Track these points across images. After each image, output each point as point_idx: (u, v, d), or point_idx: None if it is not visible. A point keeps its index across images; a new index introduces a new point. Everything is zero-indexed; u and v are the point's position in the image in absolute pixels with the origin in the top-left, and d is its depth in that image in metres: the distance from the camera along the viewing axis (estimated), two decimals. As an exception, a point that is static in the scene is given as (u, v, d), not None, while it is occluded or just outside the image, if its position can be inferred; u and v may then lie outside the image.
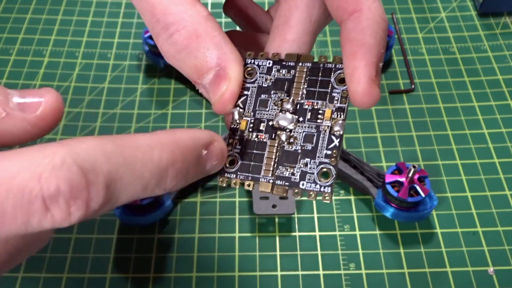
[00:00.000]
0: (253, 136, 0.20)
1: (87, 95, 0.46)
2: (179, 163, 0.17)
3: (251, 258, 0.36)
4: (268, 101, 0.19)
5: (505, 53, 0.49)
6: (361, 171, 0.38)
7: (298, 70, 0.20)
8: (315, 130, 0.19)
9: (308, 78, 0.20)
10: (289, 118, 0.19)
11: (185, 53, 0.19)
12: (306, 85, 0.20)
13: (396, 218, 0.36)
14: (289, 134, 0.19)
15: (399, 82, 0.47)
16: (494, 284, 0.35)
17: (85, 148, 0.15)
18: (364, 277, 0.35)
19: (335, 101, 0.19)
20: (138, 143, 0.17)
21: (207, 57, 0.19)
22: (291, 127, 0.19)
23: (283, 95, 0.20)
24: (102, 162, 0.15)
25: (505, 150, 0.42)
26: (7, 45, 0.50)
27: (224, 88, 0.19)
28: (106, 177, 0.15)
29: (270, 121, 0.19)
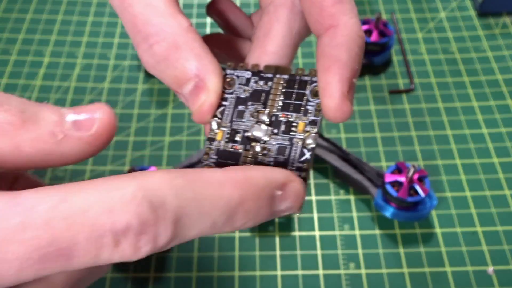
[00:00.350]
0: (228, 147, 0.20)
1: (87, 95, 0.46)
2: (250, 202, 0.17)
3: (251, 258, 0.36)
4: (245, 112, 0.20)
5: (504, 53, 0.49)
6: (360, 171, 0.38)
7: (275, 82, 0.20)
8: (288, 143, 0.19)
9: (284, 90, 0.20)
10: (264, 129, 0.19)
11: (164, 64, 0.19)
12: (282, 97, 0.20)
13: (396, 217, 0.36)
14: (263, 146, 0.19)
15: (398, 82, 0.47)
16: (493, 283, 0.35)
17: (155, 182, 0.15)
18: (363, 276, 0.35)
19: (309, 114, 0.19)
20: (208, 178, 0.16)
21: (187, 68, 0.19)
22: (265, 138, 0.19)
23: (260, 106, 0.20)
24: (172, 198, 0.15)
25: (504, 150, 0.42)
26: (8, 45, 0.50)
27: (203, 99, 0.19)
28: (175, 213, 0.15)
29: (246, 132, 0.19)
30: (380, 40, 0.45)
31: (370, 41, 0.45)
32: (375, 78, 0.47)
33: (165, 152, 0.42)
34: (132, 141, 0.43)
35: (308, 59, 0.49)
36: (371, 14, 0.53)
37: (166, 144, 0.43)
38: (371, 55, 0.46)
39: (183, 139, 0.43)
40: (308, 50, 0.49)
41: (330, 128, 0.43)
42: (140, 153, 0.42)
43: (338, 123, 0.44)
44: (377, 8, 0.53)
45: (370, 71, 0.48)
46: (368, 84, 0.47)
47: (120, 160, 0.41)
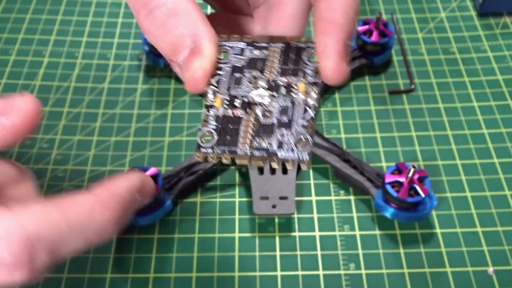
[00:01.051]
0: (228, 112, 0.20)
1: (87, 95, 0.46)
2: (118, 215, 0.19)
3: (251, 258, 0.36)
4: (242, 79, 0.20)
5: (505, 53, 0.49)
6: (361, 171, 0.38)
7: (270, 50, 0.20)
8: (290, 104, 0.19)
9: (281, 57, 0.20)
10: (264, 93, 0.20)
11: (162, 29, 0.19)
12: (279, 63, 0.20)
13: (396, 218, 0.36)
14: (265, 109, 0.20)
15: (398, 82, 0.47)
16: (494, 284, 0.35)
17: (30, 217, 0.17)
18: (364, 277, 0.35)
19: (309, 76, 0.20)
20: (81, 205, 0.18)
21: (184, 35, 0.19)
22: (266, 102, 0.20)
23: (257, 73, 0.20)
24: (46, 232, 0.17)
25: (504, 150, 0.42)
26: (7, 45, 0.50)
27: (197, 65, 0.19)
28: (50, 244, 0.17)
29: (245, 97, 0.20)
30: (380, 40, 0.45)
31: (370, 41, 0.45)
32: (375, 78, 0.47)
33: (165, 153, 0.42)
34: (131, 142, 0.43)
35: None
36: (371, 14, 0.53)
37: (166, 144, 0.42)
38: (371, 55, 0.46)
39: (183, 139, 0.43)
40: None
41: (330, 129, 0.43)
42: (140, 153, 0.42)
43: (338, 124, 0.44)
44: (377, 8, 0.53)
45: (370, 71, 0.48)
46: (368, 84, 0.47)
47: (120, 161, 0.41)
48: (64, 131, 0.43)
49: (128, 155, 0.42)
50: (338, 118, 0.44)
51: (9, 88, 0.46)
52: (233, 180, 0.40)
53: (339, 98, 0.46)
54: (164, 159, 0.41)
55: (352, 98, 0.46)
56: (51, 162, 0.41)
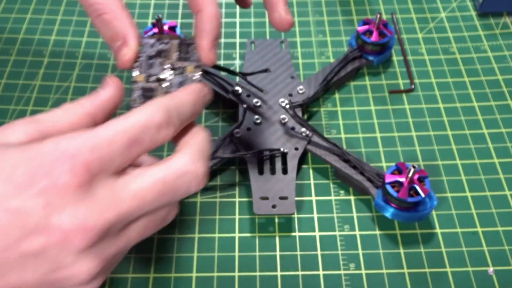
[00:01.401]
0: (147, 85, 0.30)
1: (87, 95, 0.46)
2: None
3: (251, 258, 0.36)
4: (154, 63, 0.30)
5: (504, 53, 0.49)
6: (361, 171, 0.38)
7: (171, 44, 0.31)
8: (184, 78, 0.30)
9: (177, 49, 0.31)
10: (168, 72, 0.30)
11: (107, 27, 0.30)
12: (177, 53, 0.31)
13: (396, 218, 0.36)
14: (169, 82, 0.30)
15: (399, 82, 0.47)
16: (494, 284, 0.35)
17: (167, 101, 0.27)
18: (364, 277, 0.35)
19: (194, 61, 0.30)
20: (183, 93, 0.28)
21: (119, 32, 0.29)
22: (169, 78, 0.30)
23: (163, 60, 0.30)
24: (173, 109, 0.26)
25: (504, 150, 0.42)
26: (7, 45, 0.50)
27: (125, 52, 0.29)
28: (178, 111, 0.27)
29: (156, 75, 0.30)
30: (380, 40, 0.45)
31: (370, 41, 0.45)
32: (375, 78, 0.47)
33: (165, 153, 0.42)
34: (132, 141, 0.43)
35: (307, 59, 0.49)
36: (371, 14, 0.53)
37: (165, 144, 0.42)
38: (371, 55, 0.46)
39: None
40: (308, 50, 0.49)
41: (330, 128, 0.43)
42: (140, 153, 0.42)
43: (338, 124, 0.44)
44: (377, 8, 0.53)
45: (370, 71, 0.48)
46: (368, 84, 0.47)
47: (120, 160, 0.41)
48: (64, 131, 0.43)
49: (128, 155, 0.42)
50: (338, 118, 0.44)
51: (9, 88, 0.46)
52: (233, 180, 0.40)
53: (339, 98, 0.46)
54: (164, 159, 0.41)
55: (352, 98, 0.46)
56: (51, 162, 0.41)
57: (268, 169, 0.39)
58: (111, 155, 0.23)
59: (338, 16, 0.52)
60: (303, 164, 0.41)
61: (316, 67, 0.48)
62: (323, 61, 0.49)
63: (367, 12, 0.53)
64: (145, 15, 0.53)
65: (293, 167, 0.39)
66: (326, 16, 0.52)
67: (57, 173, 0.22)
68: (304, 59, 0.49)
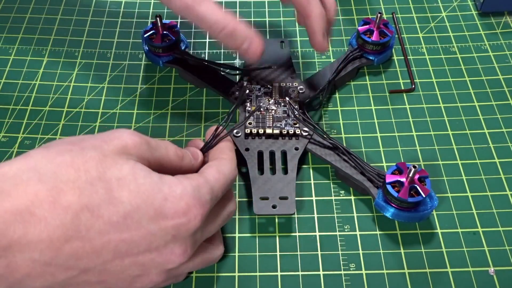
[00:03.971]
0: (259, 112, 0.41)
1: (87, 95, 0.46)
2: None
3: (251, 258, 0.36)
4: (262, 99, 0.43)
5: (505, 53, 0.49)
6: (361, 171, 0.38)
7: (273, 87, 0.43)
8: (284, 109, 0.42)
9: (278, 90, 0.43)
10: (272, 105, 0.42)
11: (232, 37, 0.36)
12: (278, 93, 0.43)
13: (397, 218, 0.36)
14: (273, 111, 0.41)
15: (399, 81, 0.47)
16: (495, 284, 0.35)
17: (210, 176, 0.32)
18: (364, 277, 0.35)
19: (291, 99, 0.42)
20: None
21: (243, 35, 0.36)
22: (273, 108, 0.42)
23: (268, 98, 0.43)
24: (216, 182, 0.32)
25: (505, 150, 0.42)
26: (7, 44, 0.50)
27: (256, 46, 0.36)
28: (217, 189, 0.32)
29: (265, 107, 0.42)
30: (381, 40, 0.45)
31: (370, 41, 0.45)
32: (375, 78, 0.47)
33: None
34: (131, 141, 0.42)
35: (308, 59, 0.49)
36: (372, 13, 0.53)
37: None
38: (372, 54, 0.46)
39: (183, 139, 0.43)
40: (308, 50, 0.49)
41: (331, 128, 0.43)
42: (140, 153, 0.42)
43: (338, 124, 0.44)
44: (377, 7, 0.53)
45: (370, 71, 0.48)
46: (369, 83, 0.47)
47: (120, 160, 0.41)
48: (64, 131, 0.43)
49: (128, 155, 0.42)
50: (338, 117, 0.44)
51: (9, 88, 0.46)
52: (233, 180, 0.40)
53: (340, 97, 0.46)
54: (164, 159, 0.41)
55: (353, 98, 0.46)
56: (50, 162, 0.41)
57: (268, 169, 0.39)
58: (214, 204, 0.31)
59: (338, 16, 0.52)
60: (303, 164, 0.41)
61: (316, 66, 0.48)
62: (323, 60, 0.48)
63: (368, 11, 0.53)
64: (145, 15, 0.53)
65: (293, 167, 0.39)
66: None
67: (193, 216, 0.28)
68: (304, 59, 0.49)
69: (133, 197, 0.26)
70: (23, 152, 0.42)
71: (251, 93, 0.43)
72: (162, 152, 0.31)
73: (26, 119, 0.44)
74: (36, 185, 0.25)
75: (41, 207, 0.24)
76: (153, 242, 0.27)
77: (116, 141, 0.28)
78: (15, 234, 0.23)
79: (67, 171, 0.26)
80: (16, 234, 0.23)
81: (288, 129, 0.40)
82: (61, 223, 0.24)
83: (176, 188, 0.28)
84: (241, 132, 0.40)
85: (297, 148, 0.40)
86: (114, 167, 0.27)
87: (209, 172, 0.32)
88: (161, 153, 0.31)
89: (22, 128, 0.43)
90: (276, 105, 0.42)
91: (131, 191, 0.26)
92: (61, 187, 0.25)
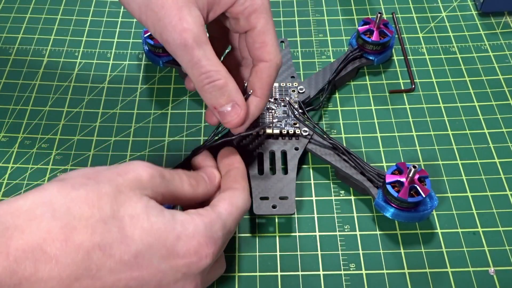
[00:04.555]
0: None
1: (87, 95, 0.46)
2: None
3: (251, 258, 0.36)
4: None
5: (505, 53, 0.49)
6: (361, 171, 0.38)
7: None
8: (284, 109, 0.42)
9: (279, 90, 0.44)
10: (273, 105, 0.43)
11: (219, 92, 0.31)
12: (279, 92, 0.43)
13: (397, 218, 0.36)
14: (274, 110, 0.42)
15: (399, 81, 0.47)
16: (495, 284, 0.35)
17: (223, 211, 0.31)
18: (364, 277, 0.35)
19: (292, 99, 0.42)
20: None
21: (231, 95, 0.32)
22: (274, 107, 0.42)
23: None
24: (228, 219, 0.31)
25: (505, 150, 0.42)
26: (7, 44, 0.50)
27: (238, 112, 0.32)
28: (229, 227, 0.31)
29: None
30: (381, 40, 0.45)
31: (370, 41, 0.45)
32: (375, 78, 0.47)
33: (165, 153, 0.42)
34: (131, 142, 0.42)
35: (308, 59, 0.49)
36: (372, 13, 0.53)
37: (166, 144, 0.42)
38: (372, 54, 0.46)
39: (183, 139, 0.43)
40: (308, 50, 0.49)
41: (331, 128, 0.43)
42: (140, 153, 0.42)
43: (338, 124, 0.44)
44: (378, 7, 0.53)
45: (370, 71, 0.48)
46: (369, 83, 0.47)
47: (120, 161, 0.41)
48: (64, 131, 0.43)
49: (128, 155, 0.42)
50: (338, 117, 0.44)
51: (9, 88, 0.46)
52: (233, 180, 0.40)
53: (340, 97, 0.46)
54: (164, 159, 0.41)
55: (353, 98, 0.45)
56: (50, 162, 0.41)
57: (268, 169, 0.39)
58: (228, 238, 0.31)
59: (338, 16, 0.52)
60: (303, 164, 0.41)
61: (316, 66, 0.48)
62: (323, 60, 0.48)
63: (368, 11, 0.53)
64: (145, 14, 0.53)
65: (293, 167, 0.39)
66: (327, 16, 0.52)
67: (204, 255, 0.28)
68: (304, 59, 0.49)
69: (145, 236, 0.26)
70: (23, 152, 0.42)
71: None
72: (176, 185, 0.31)
73: (26, 119, 0.44)
74: (49, 222, 0.25)
75: (53, 245, 0.24)
76: (163, 280, 0.27)
77: (131, 175, 0.28)
78: (26, 272, 0.24)
79: (81, 208, 0.25)
80: (27, 272, 0.24)
81: (288, 129, 0.40)
82: (72, 261, 0.24)
83: (189, 226, 0.28)
84: None
85: (297, 148, 0.40)
86: (128, 204, 0.27)
87: (221, 206, 0.31)
88: (175, 185, 0.31)
89: (22, 128, 0.43)
90: (276, 105, 0.42)
91: (143, 229, 0.26)
92: (74, 225, 0.25)
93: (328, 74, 0.45)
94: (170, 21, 0.29)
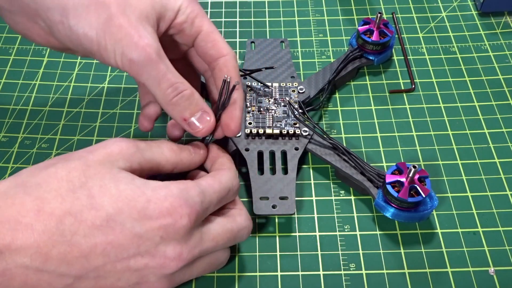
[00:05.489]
0: (259, 111, 0.42)
1: (87, 95, 0.46)
2: None
3: (251, 258, 0.36)
4: (262, 100, 0.43)
5: (505, 53, 0.49)
6: (361, 171, 0.38)
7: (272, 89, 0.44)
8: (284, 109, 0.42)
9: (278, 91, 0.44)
10: (272, 106, 0.43)
11: (187, 101, 0.33)
12: (279, 93, 0.43)
13: (397, 218, 0.36)
14: (274, 111, 0.42)
15: (399, 81, 0.47)
16: (495, 284, 0.35)
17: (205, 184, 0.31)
18: (364, 277, 0.35)
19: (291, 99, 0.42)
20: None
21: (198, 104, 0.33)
22: (273, 108, 0.42)
23: (268, 98, 0.43)
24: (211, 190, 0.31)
25: (505, 150, 0.42)
26: (7, 44, 0.50)
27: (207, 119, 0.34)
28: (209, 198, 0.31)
29: (265, 107, 0.42)
30: (381, 40, 0.45)
31: (370, 41, 0.45)
32: (375, 78, 0.47)
33: (165, 152, 0.42)
34: (131, 141, 0.42)
35: (308, 59, 0.49)
36: (372, 13, 0.53)
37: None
38: (372, 54, 0.46)
39: (183, 139, 0.43)
40: (308, 50, 0.49)
41: (331, 128, 0.43)
42: (140, 153, 0.42)
43: (338, 124, 0.44)
44: (378, 7, 0.53)
45: (370, 71, 0.48)
46: (369, 83, 0.47)
47: (120, 160, 0.41)
48: (64, 131, 0.43)
49: (128, 155, 0.42)
50: (338, 117, 0.44)
51: (9, 88, 0.46)
52: (233, 180, 0.40)
53: (340, 97, 0.46)
54: (164, 159, 0.41)
55: (353, 98, 0.45)
56: (50, 162, 0.41)
57: (268, 169, 0.39)
58: (209, 209, 0.30)
59: (338, 16, 0.52)
60: (303, 164, 0.41)
61: (316, 66, 0.48)
62: (323, 60, 0.48)
63: (368, 11, 0.53)
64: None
65: (293, 167, 0.39)
66: (327, 16, 0.52)
67: (179, 216, 0.28)
68: (304, 59, 0.49)
69: (114, 201, 0.27)
70: (23, 152, 0.42)
71: (251, 93, 0.43)
72: (154, 151, 0.31)
73: (26, 119, 0.44)
74: (22, 197, 0.27)
75: (27, 215, 0.26)
76: (142, 245, 0.28)
77: (101, 150, 0.29)
78: (4, 241, 0.25)
79: (51, 182, 0.27)
80: (5, 241, 0.25)
81: (288, 129, 0.40)
82: (46, 228, 0.26)
83: (160, 191, 0.28)
84: (241, 132, 0.40)
85: (297, 148, 0.40)
86: (96, 176, 0.28)
87: (202, 178, 0.32)
88: (153, 152, 0.31)
89: (22, 128, 0.43)
90: (276, 105, 0.42)
91: (112, 196, 0.27)
92: (45, 196, 0.27)
93: (328, 74, 0.45)
94: (131, 39, 0.30)
